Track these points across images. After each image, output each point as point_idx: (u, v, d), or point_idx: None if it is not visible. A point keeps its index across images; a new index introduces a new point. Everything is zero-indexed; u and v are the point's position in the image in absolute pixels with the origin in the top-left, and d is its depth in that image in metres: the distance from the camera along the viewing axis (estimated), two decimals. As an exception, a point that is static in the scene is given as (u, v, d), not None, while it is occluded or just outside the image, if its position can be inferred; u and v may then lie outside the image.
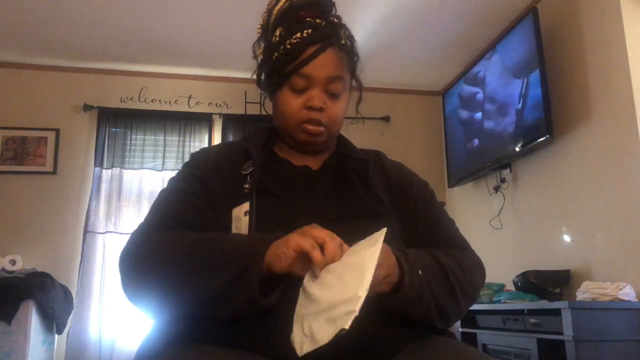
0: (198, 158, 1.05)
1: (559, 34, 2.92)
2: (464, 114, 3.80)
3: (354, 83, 1.10)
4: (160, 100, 4.00)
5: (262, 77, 1.07)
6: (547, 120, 2.76)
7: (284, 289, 0.81)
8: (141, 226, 0.94)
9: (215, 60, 3.85)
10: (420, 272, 0.88)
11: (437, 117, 4.35)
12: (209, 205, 0.95)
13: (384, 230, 0.81)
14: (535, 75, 2.85)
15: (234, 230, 0.92)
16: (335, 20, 1.04)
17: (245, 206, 0.92)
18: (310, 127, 1.01)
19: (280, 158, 1.07)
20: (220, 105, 4.06)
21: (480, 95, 3.57)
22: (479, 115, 3.59)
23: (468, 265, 0.99)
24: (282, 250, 0.78)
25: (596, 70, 2.63)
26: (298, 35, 0.98)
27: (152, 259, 0.85)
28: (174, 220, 0.92)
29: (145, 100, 3.99)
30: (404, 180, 1.09)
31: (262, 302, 0.78)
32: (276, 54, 1.00)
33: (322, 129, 1.01)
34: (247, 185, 0.95)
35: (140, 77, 4.01)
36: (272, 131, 1.10)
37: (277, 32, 1.01)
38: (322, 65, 0.98)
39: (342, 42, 1.02)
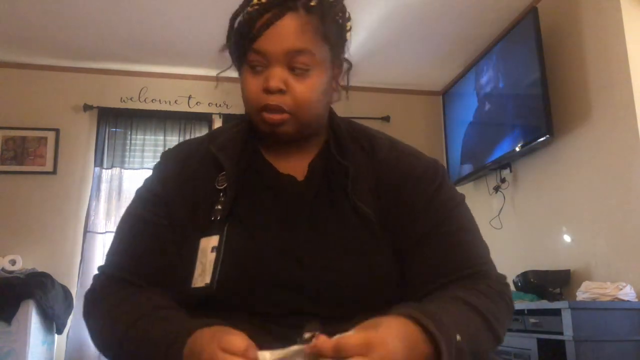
0: (166, 161, 0.92)
1: (559, 34, 2.92)
2: (464, 113, 3.80)
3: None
4: (160, 100, 4.00)
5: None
6: (547, 120, 2.76)
7: None
8: (100, 272, 0.87)
9: (215, 60, 3.83)
10: (458, 337, 0.67)
11: (437, 117, 4.34)
12: (172, 233, 0.85)
13: (301, 348, 0.60)
14: (535, 75, 2.85)
15: (197, 265, 0.82)
16: None
17: (214, 240, 0.81)
18: (269, 116, 0.82)
19: (263, 162, 0.90)
20: (220, 105, 4.06)
21: (480, 95, 3.57)
22: (478, 115, 3.59)
23: (496, 303, 0.80)
24: None
25: (596, 70, 2.63)
26: (256, 0, 0.82)
27: (98, 326, 0.82)
28: (135, 261, 0.85)
29: (145, 100, 3.98)
30: (399, 175, 0.87)
31: None
32: (236, 25, 0.85)
33: (285, 116, 0.82)
34: (219, 207, 0.83)
35: (140, 77, 4.01)
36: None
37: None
38: (278, 36, 0.80)
39: (312, 3, 0.82)
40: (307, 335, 0.60)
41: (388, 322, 0.64)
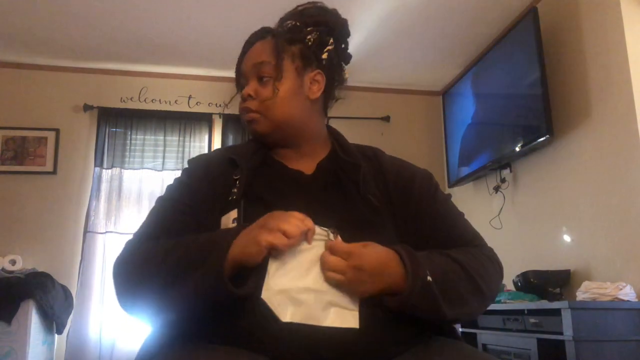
0: (191, 165, 1.08)
1: (559, 34, 2.92)
2: (464, 113, 3.80)
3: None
4: (160, 100, 4.00)
5: None
6: (547, 120, 2.76)
7: (256, 276, 0.82)
8: (132, 238, 0.97)
9: (215, 60, 3.85)
10: (429, 277, 0.85)
11: (437, 117, 4.34)
12: (198, 213, 0.97)
13: (330, 231, 0.85)
14: (535, 75, 2.85)
15: None
16: (294, 22, 1.06)
17: (233, 214, 0.93)
18: (243, 117, 1.05)
19: (274, 161, 1.06)
20: (220, 105, 4.06)
21: (480, 95, 3.57)
22: (478, 115, 3.59)
23: (482, 261, 0.97)
24: (255, 250, 0.81)
25: (596, 70, 2.63)
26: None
27: (137, 269, 0.89)
28: (163, 231, 0.95)
29: (145, 100, 3.99)
30: (405, 179, 1.05)
31: (239, 291, 0.80)
32: None
33: (254, 115, 1.03)
34: (235, 190, 0.96)
35: (140, 77, 4.01)
36: None
37: None
38: (249, 56, 1.06)
39: (280, 30, 1.05)
40: (333, 229, 0.86)
41: (376, 246, 0.86)
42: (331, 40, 1.07)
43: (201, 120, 4.03)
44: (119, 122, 3.92)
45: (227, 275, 0.80)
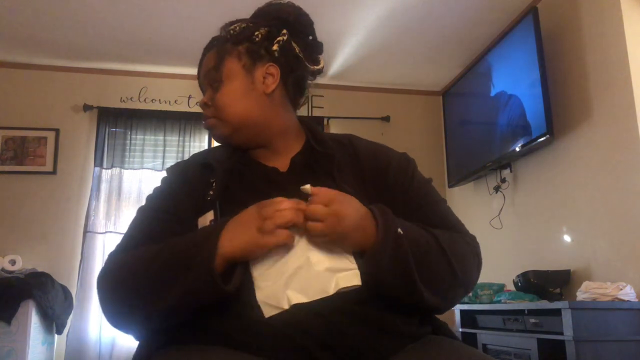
0: (169, 173, 1.08)
1: (559, 34, 2.92)
2: (464, 113, 3.80)
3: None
4: (160, 100, 4.00)
5: None
6: (548, 120, 2.76)
7: (241, 269, 0.83)
8: (114, 249, 0.97)
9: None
10: (400, 230, 0.86)
11: (437, 117, 4.35)
12: (179, 220, 0.97)
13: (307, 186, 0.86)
14: (535, 75, 2.85)
15: None
16: (241, 24, 1.09)
17: (210, 215, 0.94)
18: (204, 125, 1.08)
19: (251, 160, 1.06)
20: (220, 105, 4.06)
21: (480, 95, 3.57)
22: (478, 115, 3.59)
23: (460, 245, 0.95)
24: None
25: (596, 70, 2.63)
26: None
27: (121, 281, 0.87)
28: (146, 241, 0.93)
29: (145, 100, 3.99)
30: (381, 162, 1.04)
31: (228, 288, 0.80)
32: None
33: (211, 121, 1.05)
34: (210, 192, 0.96)
35: (140, 77, 4.01)
36: None
37: None
38: (201, 69, 1.10)
39: (222, 40, 1.08)
40: (308, 185, 0.87)
41: (355, 200, 0.88)
42: (284, 31, 1.05)
43: (201, 120, 4.02)
44: (119, 122, 3.92)
45: (217, 272, 0.80)
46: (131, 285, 0.85)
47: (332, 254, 0.85)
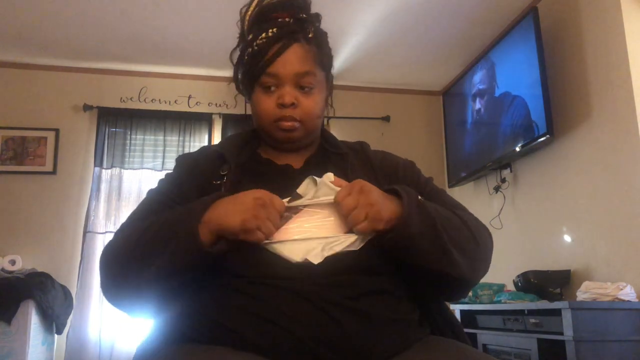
0: (180, 161, 1.09)
1: (559, 34, 2.92)
2: (464, 113, 3.80)
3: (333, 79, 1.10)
4: (160, 100, 4.00)
5: (240, 80, 1.10)
6: (548, 120, 2.76)
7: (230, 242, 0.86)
8: (119, 227, 0.99)
9: (215, 60, 3.85)
10: (420, 198, 0.91)
11: (437, 117, 4.35)
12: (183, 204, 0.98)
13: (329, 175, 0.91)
14: (535, 75, 2.85)
15: None
16: (304, 16, 1.04)
17: None
18: (285, 124, 1.01)
19: (262, 158, 1.08)
20: (220, 105, 4.06)
21: (480, 95, 3.57)
22: (478, 115, 3.59)
23: (473, 219, 1.01)
24: (229, 236, 0.85)
25: (596, 70, 2.63)
26: (263, 35, 1.00)
27: (117, 253, 0.91)
28: (148, 216, 0.96)
29: (145, 100, 3.99)
30: (389, 166, 1.09)
31: (213, 249, 0.84)
32: (246, 57, 1.03)
33: (297, 124, 1.01)
34: (219, 182, 0.99)
35: (140, 77, 4.01)
36: (254, 133, 1.12)
37: (250, 37, 1.03)
38: (288, 62, 1.00)
39: (310, 35, 1.02)
40: (331, 174, 0.93)
41: (374, 186, 0.90)
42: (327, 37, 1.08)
43: (201, 120, 4.03)
44: (119, 122, 3.92)
45: (204, 238, 0.83)
46: (124, 253, 0.89)
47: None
